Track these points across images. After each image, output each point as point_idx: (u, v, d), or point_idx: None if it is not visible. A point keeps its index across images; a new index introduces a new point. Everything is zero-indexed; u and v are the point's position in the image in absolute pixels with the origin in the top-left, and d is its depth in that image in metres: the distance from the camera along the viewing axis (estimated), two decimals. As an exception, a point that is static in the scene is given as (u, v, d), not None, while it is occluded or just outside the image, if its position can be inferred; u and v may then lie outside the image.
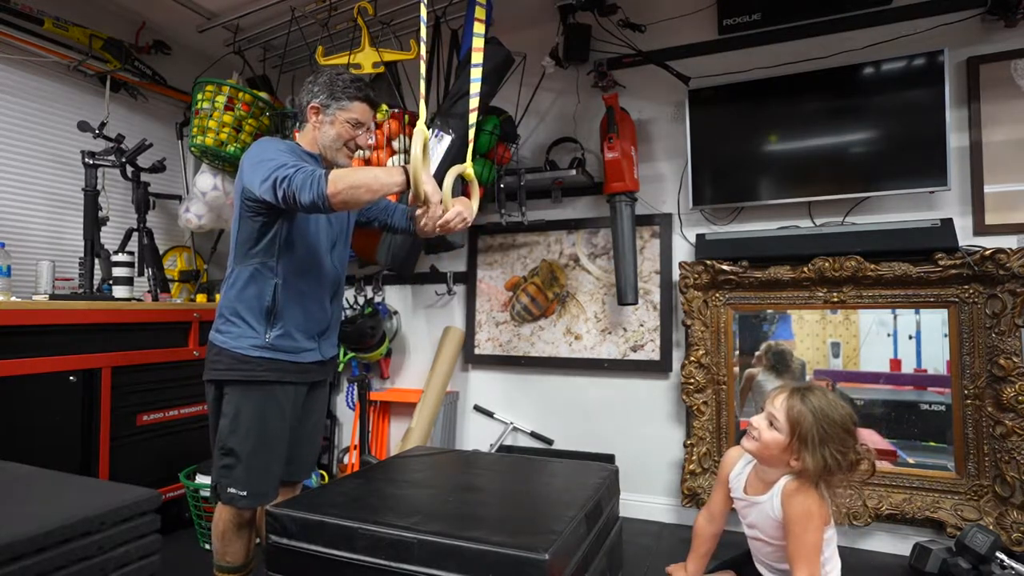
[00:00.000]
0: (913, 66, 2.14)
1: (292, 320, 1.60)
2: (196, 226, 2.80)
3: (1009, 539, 1.94)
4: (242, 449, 1.53)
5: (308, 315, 1.63)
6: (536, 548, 1.16)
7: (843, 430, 1.36)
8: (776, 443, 1.41)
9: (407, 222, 1.81)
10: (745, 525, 1.54)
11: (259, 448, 1.54)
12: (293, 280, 1.59)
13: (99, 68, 2.64)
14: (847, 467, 1.36)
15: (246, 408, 1.54)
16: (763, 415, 1.46)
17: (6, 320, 1.86)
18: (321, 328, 1.69)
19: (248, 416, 1.54)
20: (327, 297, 1.70)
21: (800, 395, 1.42)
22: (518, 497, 1.55)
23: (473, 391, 2.95)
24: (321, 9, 2.67)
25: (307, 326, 1.63)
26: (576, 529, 1.33)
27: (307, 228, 1.61)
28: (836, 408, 1.38)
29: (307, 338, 1.64)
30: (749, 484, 1.53)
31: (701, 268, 2.41)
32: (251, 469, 1.54)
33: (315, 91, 1.62)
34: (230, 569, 1.62)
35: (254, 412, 1.54)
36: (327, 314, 1.70)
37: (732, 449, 1.63)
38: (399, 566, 1.25)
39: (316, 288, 1.65)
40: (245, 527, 1.61)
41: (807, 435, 1.37)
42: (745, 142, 2.38)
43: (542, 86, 2.77)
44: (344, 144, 1.62)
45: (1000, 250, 2.00)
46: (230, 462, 1.54)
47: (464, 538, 1.22)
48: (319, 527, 1.35)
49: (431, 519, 1.33)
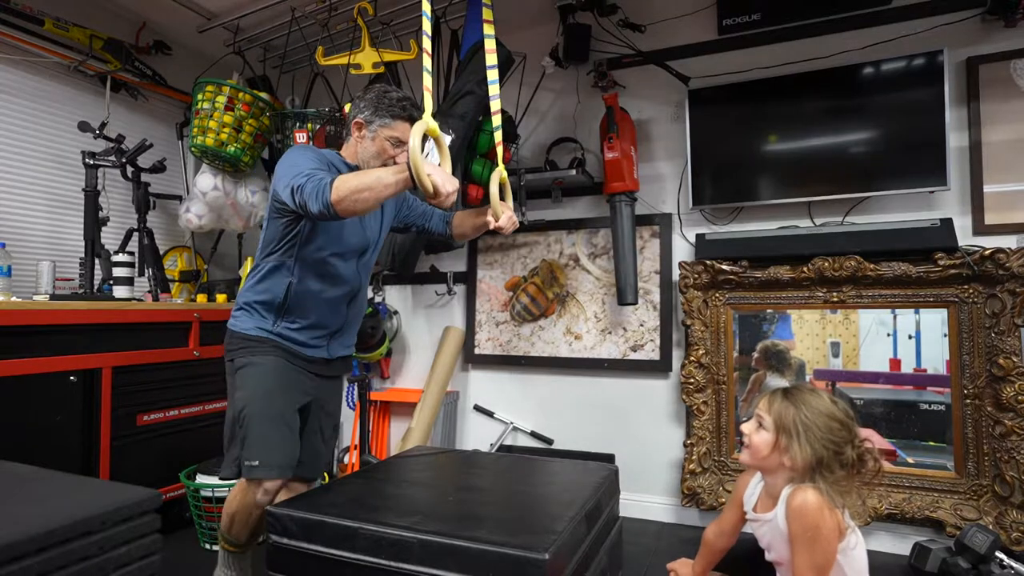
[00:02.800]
0: (913, 66, 2.14)
1: (302, 318, 1.62)
2: (196, 226, 2.80)
3: (1008, 539, 1.94)
4: (250, 416, 1.55)
5: (320, 316, 1.64)
6: (536, 548, 1.16)
7: (829, 418, 1.35)
8: (765, 443, 1.42)
9: (444, 227, 1.82)
10: (764, 548, 1.52)
11: (265, 417, 1.55)
12: (308, 281, 1.60)
13: (99, 68, 2.64)
14: (848, 463, 1.34)
15: (251, 379, 1.57)
16: (752, 420, 1.48)
17: (6, 320, 1.86)
18: (332, 330, 1.69)
19: (253, 385, 1.56)
20: (344, 301, 1.69)
21: (783, 393, 1.43)
22: (518, 497, 1.55)
23: (473, 391, 2.95)
24: (321, 9, 2.67)
25: (317, 326, 1.65)
26: (576, 529, 1.34)
27: (335, 232, 1.60)
28: (822, 400, 1.38)
29: (315, 337, 1.65)
30: (760, 502, 1.52)
31: (701, 268, 2.41)
32: (260, 438, 1.54)
33: (361, 106, 1.63)
34: (230, 542, 1.67)
35: (259, 382, 1.57)
36: (341, 317, 1.70)
37: (747, 472, 1.64)
38: (399, 566, 1.25)
39: (332, 291, 1.65)
40: (256, 511, 1.61)
41: (790, 426, 1.37)
42: (745, 142, 2.38)
43: (542, 86, 2.77)
44: (383, 163, 1.61)
45: (999, 250, 2.00)
46: (240, 432, 1.56)
47: (464, 538, 1.22)
48: (320, 527, 1.35)
49: (431, 519, 1.33)
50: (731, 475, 2.37)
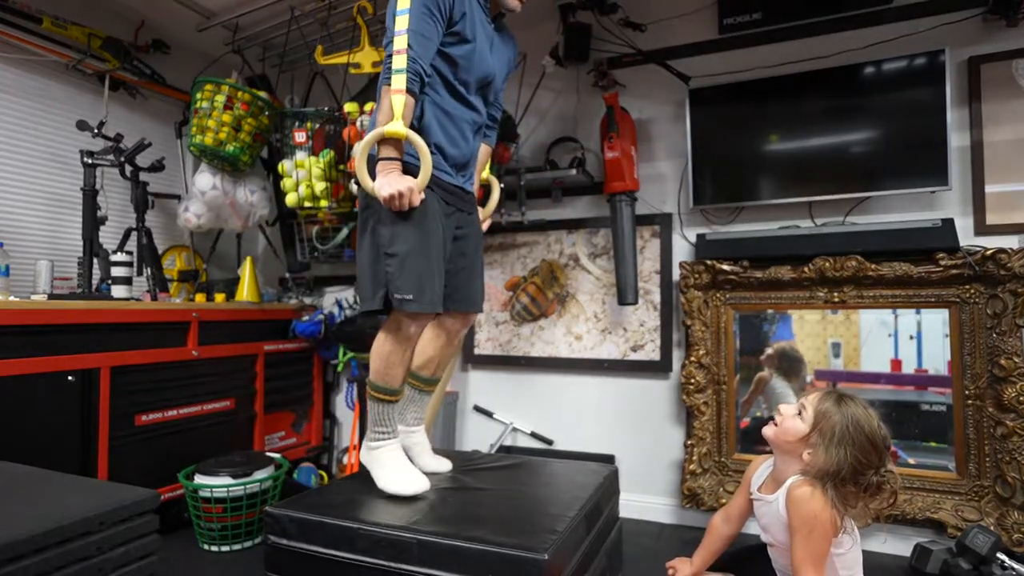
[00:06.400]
0: (914, 66, 2.14)
1: (435, 138, 1.55)
2: (195, 226, 2.79)
3: (1010, 540, 1.93)
4: (406, 246, 1.48)
5: (452, 141, 1.59)
6: (536, 548, 1.15)
7: (868, 440, 1.35)
8: (795, 432, 1.42)
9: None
10: (760, 529, 1.54)
11: (418, 247, 1.49)
12: (441, 100, 1.56)
13: (98, 67, 2.63)
14: (864, 485, 1.34)
15: (400, 213, 1.49)
16: (795, 404, 1.48)
17: (4, 320, 1.85)
18: (463, 160, 1.65)
19: (406, 217, 1.48)
20: (470, 130, 1.65)
21: (837, 397, 1.43)
22: (518, 497, 1.54)
23: (473, 391, 2.94)
24: (321, 8, 2.66)
25: (450, 151, 1.60)
26: (576, 529, 1.33)
27: (467, 57, 1.56)
28: (870, 420, 1.38)
29: (449, 163, 1.60)
30: (765, 484, 1.55)
31: (701, 268, 2.40)
32: (414, 270, 1.48)
33: None
34: (385, 390, 1.60)
35: (412, 212, 1.48)
36: (470, 146, 1.66)
37: (759, 456, 1.65)
38: (399, 566, 1.24)
39: (462, 112, 1.60)
40: (409, 347, 1.59)
41: (828, 430, 1.38)
42: (746, 142, 2.37)
43: (542, 85, 2.77)
44: None
45: (1001, 250, 2.00)
46: (392, 264, 1.49)
47: (464, 538, 1.21)
48: (319, 527, 1.34)
49: (431, 519, 1.33)
50: (732, 476, 2.37)
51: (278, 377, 2.88)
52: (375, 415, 1.62)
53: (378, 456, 1.59)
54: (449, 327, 1.77)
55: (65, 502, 1.11)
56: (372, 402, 1.62)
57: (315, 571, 1.34)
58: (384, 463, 1.57)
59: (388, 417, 1.62)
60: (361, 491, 1.55)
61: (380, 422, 1.62)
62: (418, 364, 1.77)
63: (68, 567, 1.02)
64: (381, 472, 1.56)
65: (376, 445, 1.61)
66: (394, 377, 1.60)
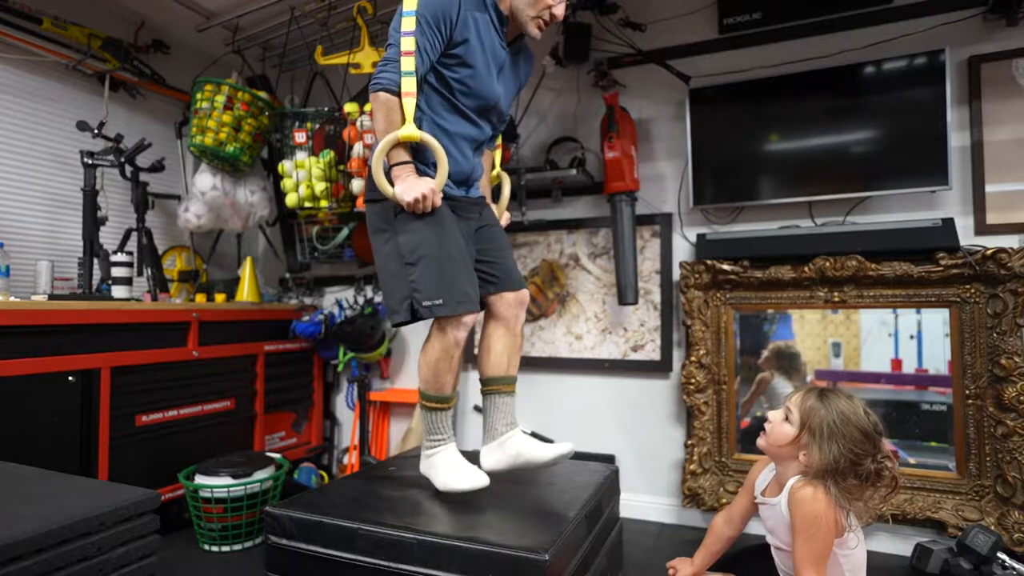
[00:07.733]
0: (914, 65, 2.14)
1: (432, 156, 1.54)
2: (195, 226, 2.79)
3: (1011, 539, 1.93)
4: (426, 252, 1.48)
5: (450, 158, 1.57)
6: (536, 548, 1.15)
7: (858, 430, 1.35)
8: (784, 436, 1.42)
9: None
10: (766, 532, 1.54)
11: (442, 251, 1.48)
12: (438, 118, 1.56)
13: (98, 67, 2.63)
14: (864, 475, 1.33)
15: (419, 219, 1.49)
16: (780, 409, 1.48)
17: (5, 320, 1.85)
18: (462, 177, 1.64)
19: (423, 224, 1.49)
20: (469, 147, 1.64)
21: (819, 393, 1.43)
22: (518, 497, 1.54)
23: (473, 391, 2.94)
24: (320, 8, 2.66)
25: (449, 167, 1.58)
26: (576, 529, 1.33)
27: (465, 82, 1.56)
28: (855, 410, 1.38)
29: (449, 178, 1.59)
30: (769, 488, 1.55)
31: (702, 268, 2.40)
32: (440, 273, 1.47)
33: None
34: (437, 398, 1.59)
35: (427, 219, 1.49)
36: (469, 162, 1.65)
37: (762, 458, 1.65)
38: (399, 566, 1.24)
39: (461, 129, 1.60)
40: (457, 353, 1.57)
41: (816, 428, 1.37)
42: (746, 141, 2.37)
43: (542, 85, 2.77)
44: (537, 12, 1.57)
45: (1001, 250, 2.00)
46: (415, 273, 1.48)
47: (464, 538, 1.21)
48: (319, 527, 1.34)
49: (431, 519, 1.33)
50: (732, 476, 2.37)
51: (278, 377, 2.88)
52: (428, 424, 1.60)
53: (434, 462, 1.58)
54: (504, 313, 1.69)
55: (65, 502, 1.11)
56: (424, 412, 1.60)
57: (315, 571, 1.34)
58: (439, 466, 1.56)
59: (441, 424, 1.60)
60: (361, 491, 1.55)
61: (433, 430, 1.60)
62: (490, 365, 1.67)
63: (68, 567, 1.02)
64: (437, 475, 1.55)
65: (431, 452, 1.59)
66: (444, 384, 1.58)
